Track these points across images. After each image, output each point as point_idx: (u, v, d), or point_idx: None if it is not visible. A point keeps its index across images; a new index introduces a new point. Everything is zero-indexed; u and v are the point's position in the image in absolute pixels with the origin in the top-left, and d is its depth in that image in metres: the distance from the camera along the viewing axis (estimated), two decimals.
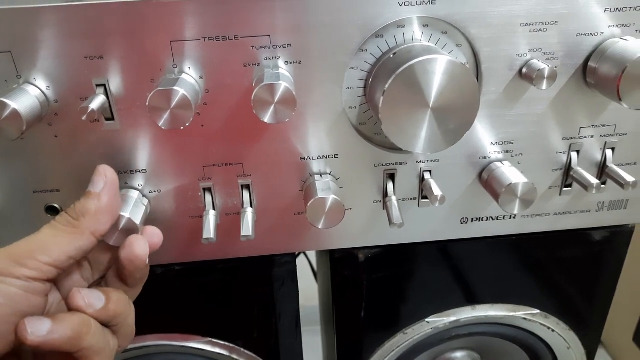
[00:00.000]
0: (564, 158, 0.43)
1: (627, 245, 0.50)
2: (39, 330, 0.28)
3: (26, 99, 0.34)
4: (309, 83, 0.37)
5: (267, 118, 0.34)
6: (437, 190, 0.39)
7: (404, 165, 0.42)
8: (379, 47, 0.37)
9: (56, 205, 0.40)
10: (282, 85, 0.33)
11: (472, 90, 0.34)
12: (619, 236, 0.49)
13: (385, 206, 0.42)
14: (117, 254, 0.35)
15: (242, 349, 0.51)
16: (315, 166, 0.41)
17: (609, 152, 0.42)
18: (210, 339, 0.51)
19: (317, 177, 0.41)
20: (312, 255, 0.96)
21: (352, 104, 0.39)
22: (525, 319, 0.53)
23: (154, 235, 0.37)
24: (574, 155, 0.42)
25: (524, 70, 0.38)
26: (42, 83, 0.36)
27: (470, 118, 0.35)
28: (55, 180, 0.39)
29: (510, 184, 0.39)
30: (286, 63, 0.37)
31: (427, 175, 0.42)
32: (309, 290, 0.83)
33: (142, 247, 0.34)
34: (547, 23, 0.37)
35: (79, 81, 0.36)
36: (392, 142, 0.35)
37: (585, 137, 0.42)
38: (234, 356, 0.51)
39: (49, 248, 0.31)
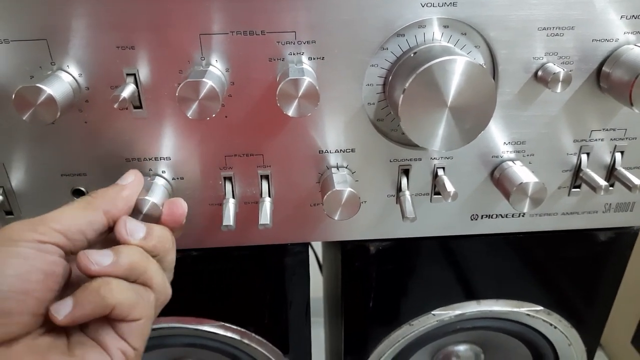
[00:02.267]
0: (574, 159, 0.44)
1: (631, 247, 0.51)
2: (64, 310, 0.30)
3: (60, 86, 0.35)
4: (331, 79, 0.39)
5: (290, 112, 0.35)
6: (450, 187, 0.41)
7: (418, 161, 0.43)
8: (400, 46, 0.39)
9: (82, 189, 0.42)
10: (306, 81, 0.34)
11: (489, 90, 0.35)
12: (623, 237, 0.50)
13: (398, 200, 0.44)
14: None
15: (253, 334, 0.53)
16: (333, 159, 0.42)
17: (618, 155, 0.44)
18: (223, 323, 0.52)
19: (334, 170, 0.42)
20: (317, 247, 0.97)
21: (371, 100, 0.40)
22: (528, 315, 0.54)
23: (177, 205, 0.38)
24: (584, 157, 0.44)
25: (540, 73, 0.39)
26: (74, 70, 0.37)
27: (487, 118, 0.36)
28: (83, 164, 0.41)
29: (521, 183, 0.40)
30: (310, 59, 0.38)
31: (440, 172, 0.43)
32: (313, 283, 0.84)
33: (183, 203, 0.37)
34: (564, 28, 0.38)
35: (110, 70, 0.37)
36: (409, 138, 0.37)
37: (596, 140, 0.43)
38: (245, 340, 0.53)
39: (61, 217, 0.32)
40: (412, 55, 0.37)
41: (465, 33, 0.38)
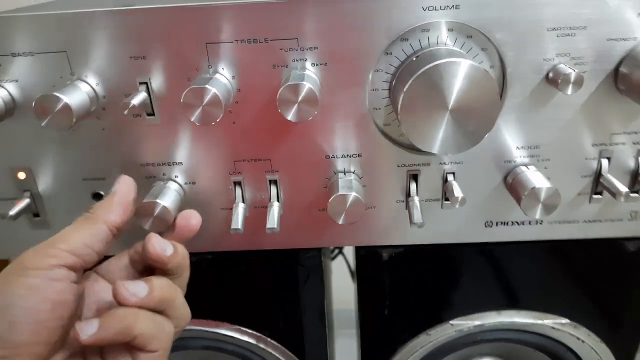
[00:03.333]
0: (594, 164, 0.42)
1: None
2: (89, 330, 0.32)
3: (77, 94, 0.38)
4: (335, 84, 0.39)
5: (290, 116, 0.36)
6: (457, 192, 0.40)
7: (427, 167, 0.42)
8: (404, 50, 0.38)
9: (101, 192, 0.44)
10: (306, 86, 0.35)
11: (492, 94, 0.34)
12: None
13: (407, 205, 0.43)
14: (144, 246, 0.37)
15: (268, 339, 0.54)
16: (340, 164, 0.42)
17: None
18: (239, 327, 0.53)
19: (340, 175, 0.42)
20: (350, 256, 0.97)
21: (377, 105, 0.40)
22: (553, 327, 0.52)
23: (192, 216, 0.39)
24: (604, 161, 0.41)
25: (551, 74, 0.38)
26: (92, 80, 0.39)
27: (490, 122, 0.35)
28: (102, 169, 0.43)
29: (533, 187, 0.39)
30: (313, 65, 0.38)
31: (450, 177, 0.42)
32: (347, 292, 0.84)
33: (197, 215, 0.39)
34: (575, 28, 0.37)
35: (124, 79, 0.39)
36: (413, 144, 0.36)
37: (617, 144, 0.41)
38: (261, 345, 0.54)
39: (66, 237, 0.34)
40: (414, 59, 0.37)
41: (471, 36, 0.38)
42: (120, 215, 0.36)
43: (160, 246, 0.35)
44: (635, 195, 0.43)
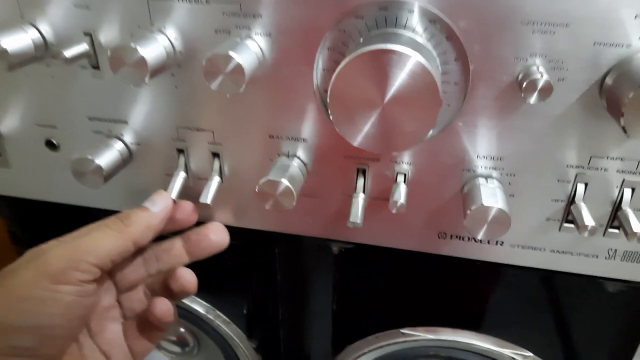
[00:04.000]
0: (569, 188, 0.36)
1: None
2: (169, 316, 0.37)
3: (20, 39, 0.37)
4: (280, 58, 0.36)
5: (214, 86, 0.33)
6: (398, 196, 0.36)
7: (376, 162, 0.38)
8: (358, 30, 0.34)
9: (54, 141, 0.44)
10: (232, 58, 0.32)
11: (432, 95, 0.30)
12: (638, 294, 0.41)
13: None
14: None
15: (217, 311, 0.53)
16: (285, 146, 0.39)
17: (626, 192, 0.35)
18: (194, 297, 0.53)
19: (283, 158, 0.39)
20: None
21: (327, 88, 0.36)
22: (513, 359, 0.47)
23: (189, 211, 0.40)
24: (580, 187, 0.36)
25: (520, 76, 0.32)
26: (41, 26, 0.38)
27: (426, 126, 0.31)
28: (53, 117, 0.43)
29: (481, 204, 0.34)
30: (257, 34, 0.35)
31: (399, 178, 0.38)
32: None
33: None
34: (555, 24, 0.31)
35: (69, 28, 0.38)
36: (339, 132, 0.33)
37: (597, 169, 0.35)
38: (210, 316, 0.53)
39: (97, 250, 0.33)
40: (361, 40, 0.33)
41: (435, 21, 0.33)
42: (148, 239, 0.36)
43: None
44: (615, 231, 0.36)
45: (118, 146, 0.42)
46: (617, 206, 0.35)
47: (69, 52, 0.36)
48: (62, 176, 0.45)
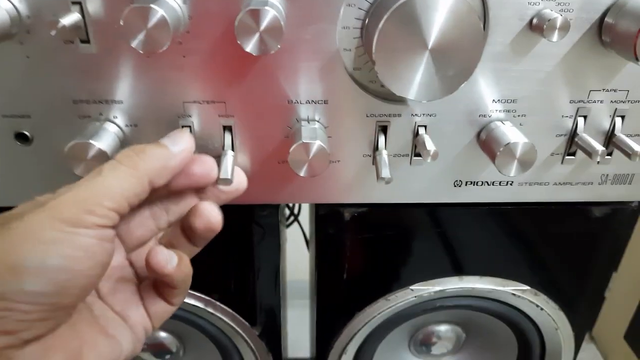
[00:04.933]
0: (570, 123, 0.40)
1: (630, 226, 0.47)
2: (172, 262, 0.32)
3: None
4: (301, 17, 0.35)
5: (250, 47, 0.31)
6: (430, 145, 0.37)
7: (398, 118, 0.39)
8: None
9: (26, 133, 0.38)
10: (269, 12, 0.30)
11: (475, 33, 0.31)
12: (620, 214, 0.46)
13: (374, 160, 0.40)
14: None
15: (217, 302, 0.50)
16: (304, 111, 0.38)
17: (618, 120, 0.40)
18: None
19: (304, 123, 0.38)
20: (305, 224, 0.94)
21: (347, 46, 0.36)
22: (514, 294, 0.51)
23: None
24: (580, 120, 0.40)
25: (535, 20, 0.35)
26: None
27: (472, 64, 0.32)
28: (26, 105, 0.37)
29: (509, 143, 0.36)
30: None
31: (421, 130, 0.39)
32: (302, 264, 0.81)
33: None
34: None
35: None
36: (388, 89, 0.33)
37: (595, 102, 0.39)
38: (209, 309, 0.50)
39: (112, 192, 0.29)
40: None
41: None
42: (163, 182, 0.32)
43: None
44: (608, 157, 0.41)
45: (112, 129, 0.37)
46: (610, 134, 0.40)
47: (66, 20, 0.31)
48: (36, 173, 0.40)
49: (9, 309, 0.25)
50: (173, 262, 0.32)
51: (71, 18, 0.32)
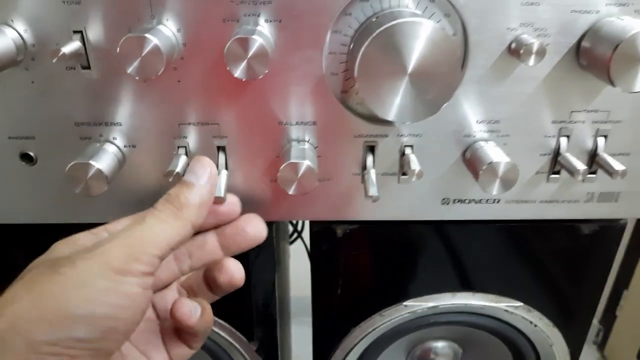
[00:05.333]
0: (553, 143, 0.41)
1: (618, 243, 0.48)
2: (196, 313, 0.34)
3: (0, 40, 0.34)
4: (290, 44, 0.36)
5: (239, 73, 0.33)
6: (415, 165, 0.38)
7: (384, 138, 0.40)
8: (363, 12, 0.36)
9: (31, 153, 0.40)
10: (256, 40, 0.32)
11: (453, 59, 0.33)
12: (609, 231, 0.47)
13: (363, 179, 0.41)
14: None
15: (216, 318, 0.51)
16: (294, 132, 0.40)
17: (600, 140, 0.41)
18: None
19: (294, 143, 0.40)
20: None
21: (334, 70, 0.38)
22: (506, 311, 0.51)
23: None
24: (563, 140, 0.41)
25: (513, 45, 0.36)
26: (20, 25, 0.35)
27: (449, 89, 0.34)
28: (31, 127, 0.39)
29: (491, 162, 0.37)
30: (266, 21, 0.36)
31: (407, 150, 0.40)
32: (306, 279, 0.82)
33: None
34: None
35: (57, 26, 0.35)
36: (370, 109, 0.34)
37: (577, 122, 0.40)
38: None
39: (157, 240, 0.30)
40: (374, 19, 0.35)
41: (434, 0, 0.36)
42: (204, 217, 0.34)
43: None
44: (592, 175, 0.42)
45: (112, 149, 0.39)
46: (593, 153, 0.41)
47: (66, 48, 0.33)
48: (39, 192, 0.42)
49: (59, 353, 0.27)
50: (197, 313, 0.34)
51: (72, 46, 0.34)
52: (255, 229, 0.38)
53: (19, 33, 0.35)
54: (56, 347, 0.26)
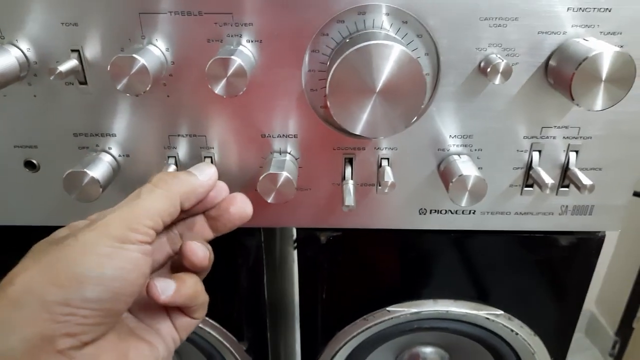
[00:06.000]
0: (526, 157, 0.42)
1: (597, 254, 0.49)
2: (167, 291, 0.34)
3: (5, 58, 0.37)
4: (271, 62, 0.39)
5: (218, 90, 0.36)
6: (388, 177, 0.40)
7: (362, 151, 0.42)
8: (340, 32, 0.38)
9: (34, 161, 0.43)
10: (235, 61, 0.35)
11: (418, 80, 0.35)
12: (587, 243, 0.48)
13: (341, 189, 0.43)
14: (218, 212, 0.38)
15: (206, 318, 0.54)
16: (276, 144, 0.42)
17: (572, 155, 0.42)
18: None
19: (276, 154, 0.42)
20: None
21: (314, 87, 0.40)
22: (487, 318, 0.53)
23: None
24: (535, 155, 0.42)
25: (482, 64, 0.38)
26: (23, 44, 0.38)
27: (416, 107, 0.36)
28: (34, 137, 0.42)
29: (461, 175, 0.39)
30: (248, 41, 0.38)
31: (384, 162, 0.42)
32: None
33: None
34: (507, 18, 0.37)
35: (56, 45, 0.38)
36: (339, 124, 0.36)
37: (548, 138, 0.42)
38: (199, 324, 0.54)
39: (151, 212, 0.33)
40: (347, 40, 0.37)
41: (407, 21, 0.38)
42: (191, 204, 0.36)
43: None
44: (565, 189, 0.43)
45: (107, 159, 0.42)
46: (565, 167, 0.42)
47: (63, 67, 0.36)
48: (42, 197, 0.45)
49: (72, 314, 0.29)
50: (168, 291, 0.34)
51: (69, 64, 0.37)
52: (238, 209, 0.39)
53: (22, 51, 0.39)
54: (68, 308, 0.29)
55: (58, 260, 0.30)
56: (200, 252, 0.36)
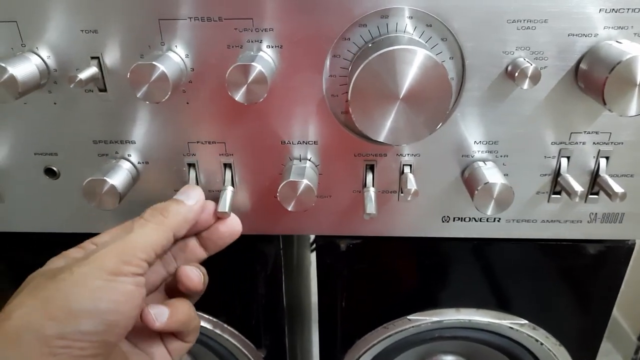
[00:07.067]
0: (553, 163, 0.41)
1: (626, 263, 0.47)
2: (161, 318, 0.35)
3: (25, 66, 0.37)
4: (291, 68, 0.38)
5: (239, 97, 0.35)
6: (411, 184, 0.39)
7: (384, 157, 0.42)
8: (362, 37, 0.38)
9: (54, 168, 0.43)
10: (255, 67, 0.34)
11: (444, 86, 0.34)
12: (616, 251, 0.46)
13: (362, 196, 0.43)
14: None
15: (224, 325, 0.53)
16: (296, 151, 0.42)
17: (602, 161, 0.40)
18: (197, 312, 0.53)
19: (296, 161, 0.42)
20: None
21: (335, 92, 0.40)
22: (511, 328, 0.51)
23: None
24: (563, 161, 0.41)
25: (509, 68, 0.37)
26: (43, 52, 0.38)
27: (440, 114, 0.35)
28: (54, 144, 0.42)
29: (487, 183, 0.38)
30: (269, 47, 0.38)
31: (406, 169, 0.42)
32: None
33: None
34: (535, 21, 0.36)
35: (76, 53, 0.38)
36: (361, 130, 0.36)
37: (577, 143, 0.40)
38: (217, 330, 0.53)
39: (143, 245, 0.34)
40: (370, 45, 0.36)
41: (431, 25, 0.37)
42: (184, 233, 0.37)
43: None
44: (595, 196, 0.42)
45: (126, 166, 0.42)
46: (595, 174, 0.41)
47: (83, 75, 0.36)
48: (62, 204, 0.45)
49: (69, 346, 0.30)
50: (162, 318, 0.35)
51: (89, 72, 0.37)
52: (228, 227, 0.40)
53: (42, 59, 0.38)
54: (65, 341, 0.30)
55: (54, 295, 0.30)
56: (195, 277, 0.38)
